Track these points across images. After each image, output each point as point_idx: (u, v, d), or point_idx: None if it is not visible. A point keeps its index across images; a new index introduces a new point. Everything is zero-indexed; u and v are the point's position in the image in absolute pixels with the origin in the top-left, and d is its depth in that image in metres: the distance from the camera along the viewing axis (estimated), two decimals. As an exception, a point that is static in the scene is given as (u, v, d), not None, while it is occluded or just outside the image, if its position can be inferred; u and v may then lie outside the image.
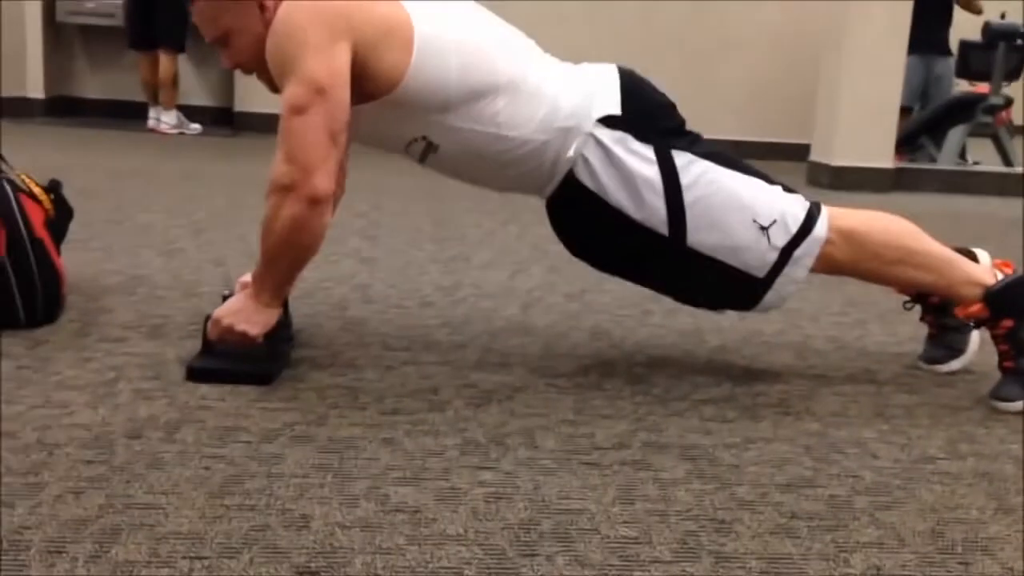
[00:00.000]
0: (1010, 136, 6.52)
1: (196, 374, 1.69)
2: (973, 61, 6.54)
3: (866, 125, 5.68)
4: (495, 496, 1.31)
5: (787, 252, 1.76)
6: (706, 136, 1.83)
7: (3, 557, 1.09)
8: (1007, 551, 1.24)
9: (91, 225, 3.00)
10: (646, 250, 1.77)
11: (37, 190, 2.08)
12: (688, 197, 1.73)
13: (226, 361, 1.72)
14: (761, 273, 1.76)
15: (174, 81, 6.47)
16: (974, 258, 1.94)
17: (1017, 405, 1.77)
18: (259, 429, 1.50)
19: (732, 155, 1.83)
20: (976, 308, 1.83)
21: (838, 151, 5.71)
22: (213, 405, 1.58)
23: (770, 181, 1.82)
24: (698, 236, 1.74)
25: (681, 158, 1.74)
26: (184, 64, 6.95)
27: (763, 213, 1.75)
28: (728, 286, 1.79)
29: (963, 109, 6.43)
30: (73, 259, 2.31)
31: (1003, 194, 5.90)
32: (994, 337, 1.85)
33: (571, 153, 1.73)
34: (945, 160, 6.31)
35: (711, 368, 1.96)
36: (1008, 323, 1.81)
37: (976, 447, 1.60)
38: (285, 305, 2.07)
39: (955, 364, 2.00)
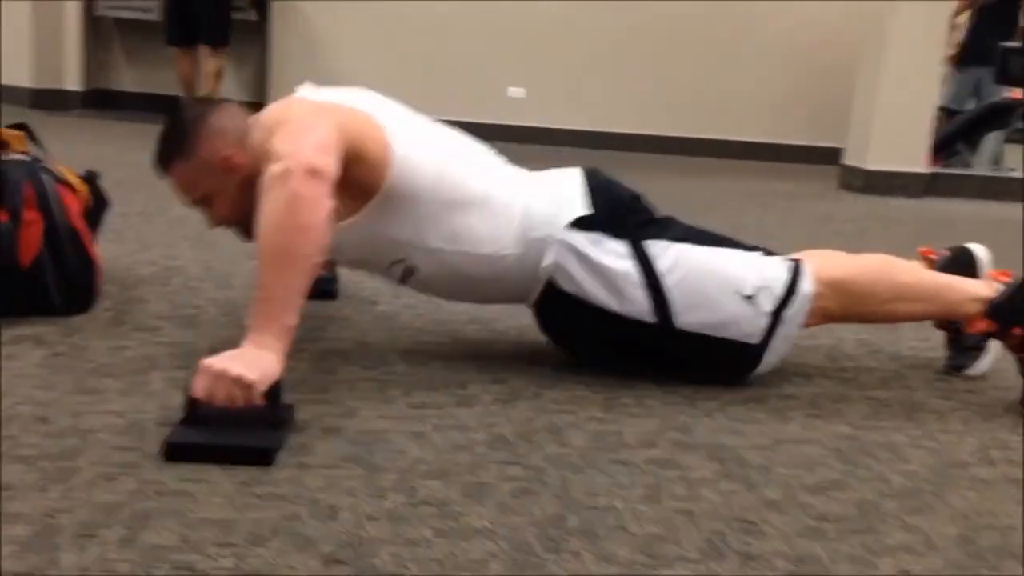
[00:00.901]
0: (1047, 143, 6.44)
1: (176, 451, 1.35)
2: (1012, 66, 6.47)
3: (901, 129, 5.63)
4: (522, 491, 1.32)
5: (778, 314, 1.76)
6: (740, 139, 1.83)
7: (36, 539, 1.11)
8: (1039, 559, 1.23)
9: (126, 216, 3.04)
10: (638, 340, 1.77)
11: (75, 180, 2.10)
12: (669, 281, 1.73)
13: (215, 433, 1.37)
14: (756, 340, 1.76)
15: (220, 75, 6.54)
16: (969, 255, 1.93)
17: None
18: (289, 420, 1.51)
19: (706, 230, 1.84)
20: (983, 324, 1.82)
21: (872, 155, 5.66)
22: (244, 395, 1.59)
23: (748, 248, 1.83)
24: (686, 318, 1.73)
25: (655, 247, 1.75)
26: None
27: (747, 283, 1.75)
28: (727, 357, 1.79)
29: (999, 115, 6.37)
30: (109, 249, 2.34)
31: (1039, 201, 5.82)
32: (1009, 347, 1.84)
33: (547, 263, 1.74)
34: (980, 166, 6.24)
35: (740, 369, 1.95)
36: (1019, 331, 1.79)
37: (1008, 454, 1.58)
38: (333, 266, 2.05)
39: (983, 365, 1.98)
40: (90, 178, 2.17)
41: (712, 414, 1.67)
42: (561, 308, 1.79)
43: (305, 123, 1.61)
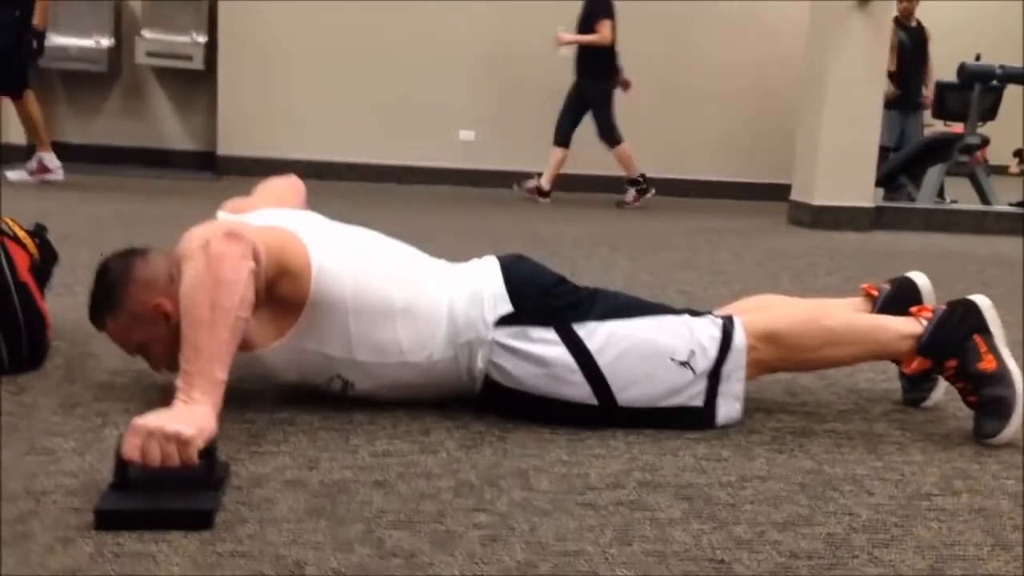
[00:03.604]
0: (986, 175, 6.61)
1: (106, 519, 1.27)
2: (949, 102, 6.67)
3: (845, 166, 5.75)
4: (491, 538, 1.30)
5: (715, 373, 1.78)
6: (690, 177, 1.84)
7: (-10, 608, 1.06)
8: (1007, 587, 1.23)
9: (75, 270, 2.97)
10: (586, 419, 1.77)
11: (22, 234, 2.06)
12: (602, 361, 1.74)
13: (147, 497, 1.30)
14: (700, 402, 1.78)
15: (35, 122, 5.77)
16: (912, 284, 1.97)
17: (1003, 435, 1.78)
18: (249, 474, 1.48)
19: (632, 299, 1.87)
20: (917, 363, 1.85)
21: (819, 191, 5.77)
22: (202, 450, 1.55)
23: (676, 312, 1.84)
24: (626, 394, 1.75)
25: (583, 328, 1.76)
26: (168, 109, 6.99)
27: (679, 349, 1.77)
28: (673, 423, 1.79)
29: (940, 149, 6.53)
30: (58, 304, 2.29)
31: (981, 232, 5.97)
32: (947, 379, 1.87)
33: (480, 364, 1.76)
34: (924, 199, 6.39)
35: (702, 407, 1.95)
36: (952, 363, 1.82)
37: (970, 483, 1.60)
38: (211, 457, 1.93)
39: (935, 396, 2.00)
40: (38, 232, 2.13)
41: (677, 453, 1.67)
42: (506, 400, 1.79)
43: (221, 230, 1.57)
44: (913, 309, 1.90)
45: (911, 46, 7.00)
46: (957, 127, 6.73)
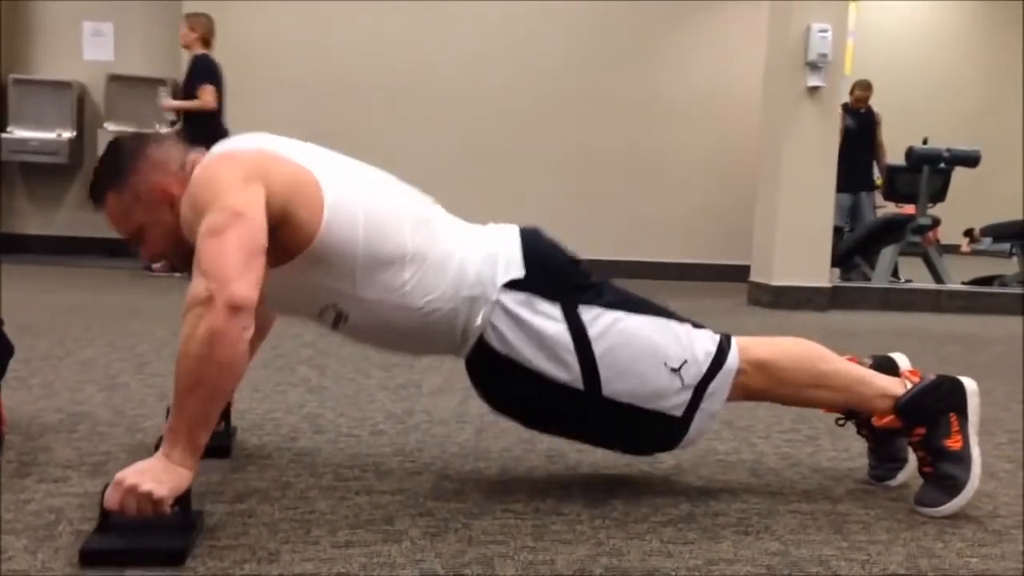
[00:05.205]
0: (939, 254, 6.76)
1: (89, 557, 1.43)
2: (899, 184, 6.85)
3: (801, 248, 5.87)
4: (456, 630, 1.27)
5: (701, 389, 1.80)
6: (653, 260, 1.86)
7: None
8: (976, 667, 1.23)
9: (31, 362, 2.93)
10: (565, 404, 1.78)
11: (-23, 327, 2.03)
12: (598, 349, 1.75)
13: (127, 538, 1.46)
14: (679, 412, 1.80)
15: None
16: (893, 364, 1.99)
17: (940, 510, 1.81)
18: (207, 569, 1.44)
19: (639, 297, 1.88)
20: (888, 419, 1.88)
21: (776, 272, 5.87)
22: (159, 544, 1.52)
23: (679, 319, 1.86)
24: (613, 386, 1.76)
25: (588, 312, 1.78)
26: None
27: (673, 355, 1.79)
28: (649, 430, 1.81)
29: (893, 230, 6.68)
30: (12, 397, 2.25)
31: (936, 310, 6.08)
32: (910, 444, 1.90)
33: (479, 321, 1.76)
34: (879, 278, 6.50)
35: (668, 488, 1.94)
36: (920, 430, 1.85)
37: (935, 562, 1.60)
38: (227, 417, 2.01)
39: (902, 476, 2.01)
40: (-7, 324, 2.10)
41: (643, 536, 1.66)
42: (492, 367, 1.79)
43: (233, 204, 1.58)
44: (906, 371, 1.94)
45: (857, 130, 7.23)
46: (909, 208, 6.90)
